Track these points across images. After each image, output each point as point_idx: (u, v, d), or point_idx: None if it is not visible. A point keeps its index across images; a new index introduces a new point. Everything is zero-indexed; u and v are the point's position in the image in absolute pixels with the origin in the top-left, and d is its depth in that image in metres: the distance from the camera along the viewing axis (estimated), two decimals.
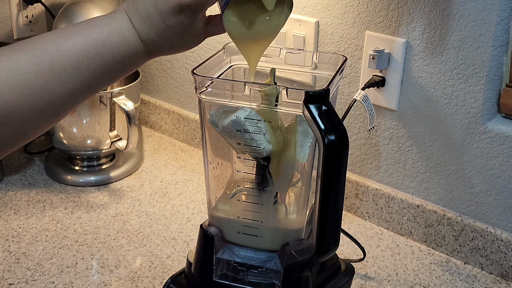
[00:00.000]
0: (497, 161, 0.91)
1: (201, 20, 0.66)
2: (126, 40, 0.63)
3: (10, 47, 0.60)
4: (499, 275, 0.94)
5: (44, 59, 0.59)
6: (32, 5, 1.33)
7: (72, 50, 0.61)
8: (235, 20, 0.69)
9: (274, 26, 0.71)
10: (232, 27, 0.69)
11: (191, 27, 0.65)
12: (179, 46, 0.67)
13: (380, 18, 0.97)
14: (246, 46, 0.73)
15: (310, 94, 0.64)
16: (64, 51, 0.60)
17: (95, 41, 0.62)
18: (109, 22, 0.64)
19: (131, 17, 0.64)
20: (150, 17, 0.63)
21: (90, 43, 0.62)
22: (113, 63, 0.63)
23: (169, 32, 0.64)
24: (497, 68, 0.88)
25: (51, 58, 0.60)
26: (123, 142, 1.18)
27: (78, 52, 0.61)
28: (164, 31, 0.64)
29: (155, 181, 1.21)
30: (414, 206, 1.01)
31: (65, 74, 0.60)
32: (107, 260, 0.96)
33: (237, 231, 0.75)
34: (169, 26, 0.64)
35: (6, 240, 1.00)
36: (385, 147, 1.03)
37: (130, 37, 0.64)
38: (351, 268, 0.84)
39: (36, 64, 0.59)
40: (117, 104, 1.13)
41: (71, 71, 0.61)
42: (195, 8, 0.63)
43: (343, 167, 0.66)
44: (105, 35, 0.62)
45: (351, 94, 1.03)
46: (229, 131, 0.71)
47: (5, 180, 1.19)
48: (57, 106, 0.61)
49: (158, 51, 0.66)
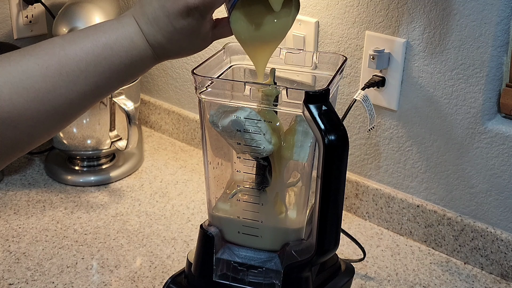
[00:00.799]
0: (497, 161, 0.91)
1: (209, 23, 0.66)
2: (134, 44, 0.63)
3: (18, 52, 0.60)
4: (499, 275, 0.94)
5: (52, 63, 0.60)
6: (32, 5, 1.33)
7: (80, 54, 0.61)
8: (242, 22, 0.69)
9: (281, 28, 0.71)
10: (239, 29, 0.69)
11: (198, 30, 0.65)
12: (187, 49, 0.67)
13: (380, 18, 0.97)
14: (254, 49, 0.72)
15: (310, 94, 0.64)
16: (72, 55, 0.61)
17: (103, 45, 0.62)
18: (117, 26, 0.64)
19: (139, 21, 0.64)
20: (157, 20, 0.63)
21: (98, 46, 0.62)
22: (120, 66, 0.63)
23: (177, 35, 0.64)
24: (497, 68, 0.88)
25: (59, 62, 0.60)
26: (123, 142, 1.18)
27: (85, 56, 0.61)
28: (172, 34, 0.64)
29: (155, 181, 1.21)
30: (414, 206, 1.01)
31: (73, 77, 0.61)
32: (107, 260, 0.96)
33: (237, 231, 0.75)
34: (177, 29, 0.63)
35: (6, 240, 1.00)
36: (385, 147, 1.03)
37: (137, 41, 0.64)
38: (351, 268, 0.83)
39: (44, 68, 0.59)
40: (117, 104, 1.13)
41: (79, 75, 0.61)
42: (203, 10, 0.63)
43: (343, 167, 0.66)
44: (113, 39, 0.62)
45: (351, 94, 1.03)
46: (229, 131, 0.71)
47: (5, 180, 1.19)
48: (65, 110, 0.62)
49: (166, 55, 0.66)
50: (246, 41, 0.71)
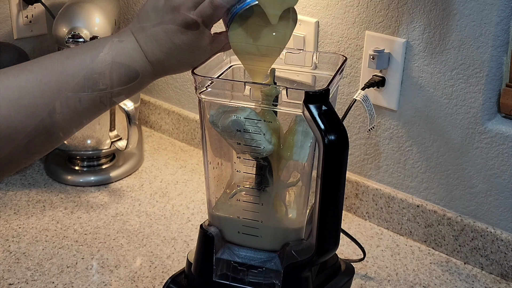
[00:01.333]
0: (497, 161, 0.91)
1: (207, 37, 0.66)
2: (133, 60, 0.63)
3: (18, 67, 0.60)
4: (499, 275, 0.94)
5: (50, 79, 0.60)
6: (32, 5, 1.33)
7: (78, 70, 0.61)
8: (240, 36, 0.69)
9: (279, 41, 0.71)
10: (237, 42, 0.69)
11: (197, 45, 0.65)
12: (186, 64, 0.67)
13: (380, 18, 0.97)
14: (252, 63, 0.72)
15: (310, 94, 0.64)
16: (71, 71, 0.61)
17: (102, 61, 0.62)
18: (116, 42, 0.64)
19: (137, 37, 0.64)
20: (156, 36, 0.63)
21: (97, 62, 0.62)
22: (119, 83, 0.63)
23: (176, 51, 0.64)
24: (497, 68, 0.88)
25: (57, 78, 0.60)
26: (123, 142, 1.18)
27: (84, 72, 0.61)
28: (171, 50, 0.64)
29: (155, 181, 1.21)
30: (414, 206, 1.01)
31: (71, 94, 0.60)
32: (107, 260, 0.96)
33: (237, 231, 0.75)
34: (175, 44, 0.63)
35: (6, 240, 1.00)
36: (385, 147, 1.03)
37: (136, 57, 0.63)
38: (351, 268, 0.83)
39: (43, 84, 0.59)
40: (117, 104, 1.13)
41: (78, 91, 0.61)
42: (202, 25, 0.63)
43: (343, 167, 0.66)
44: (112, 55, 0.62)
45: (351, 94, 1.03)
46: (229, 131, 0.71)
47: (5, 180, 1.19)
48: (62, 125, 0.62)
49: (165, 71, 0.66)
50: (244, 54, 0.71)
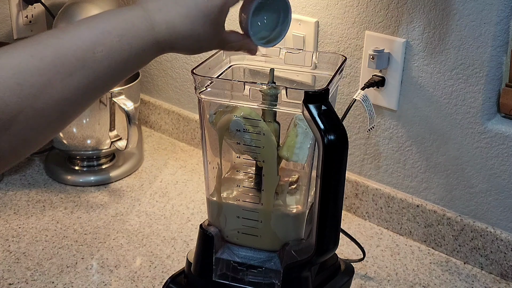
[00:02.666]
0: (496, 161, 0.91)
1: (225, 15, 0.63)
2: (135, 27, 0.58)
3: (11, 45, 0.55)
4: (499, 275, 0.94)
5: (47, 53, 0.54)
6: (32, 5, 1.34)
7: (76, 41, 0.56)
8: None
9: None
10: None
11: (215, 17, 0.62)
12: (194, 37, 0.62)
13: (379, 18, 0.97)
14: None
15: (310, 94, 0.64)
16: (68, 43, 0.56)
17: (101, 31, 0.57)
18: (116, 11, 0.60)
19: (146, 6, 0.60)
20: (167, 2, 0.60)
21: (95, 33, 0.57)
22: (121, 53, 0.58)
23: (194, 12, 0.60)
24: (497, 68, 0.88)
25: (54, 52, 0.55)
26: (123, 142, 1.18)
27: (82, 43, 0.56)
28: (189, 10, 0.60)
29: (155, 181, 1.21)
30: (413, 206, 1.01)
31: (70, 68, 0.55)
32: (107, 260, 0.96)
33: (236, 230, 0.75)
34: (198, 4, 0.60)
35: (6, 240, 1.00)
36: (385, 147, 1.03)
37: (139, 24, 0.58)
38: (351, 268, 0.84)
39: (39, 59, 0.54)
40: (117, 104, 1.13)
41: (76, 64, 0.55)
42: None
43: (342, 167, 0.66)
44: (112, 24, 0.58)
45: (351, 94, 1.03)
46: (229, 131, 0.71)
47: (5, 180, 1.19)
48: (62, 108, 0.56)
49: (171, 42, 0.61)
50: None
